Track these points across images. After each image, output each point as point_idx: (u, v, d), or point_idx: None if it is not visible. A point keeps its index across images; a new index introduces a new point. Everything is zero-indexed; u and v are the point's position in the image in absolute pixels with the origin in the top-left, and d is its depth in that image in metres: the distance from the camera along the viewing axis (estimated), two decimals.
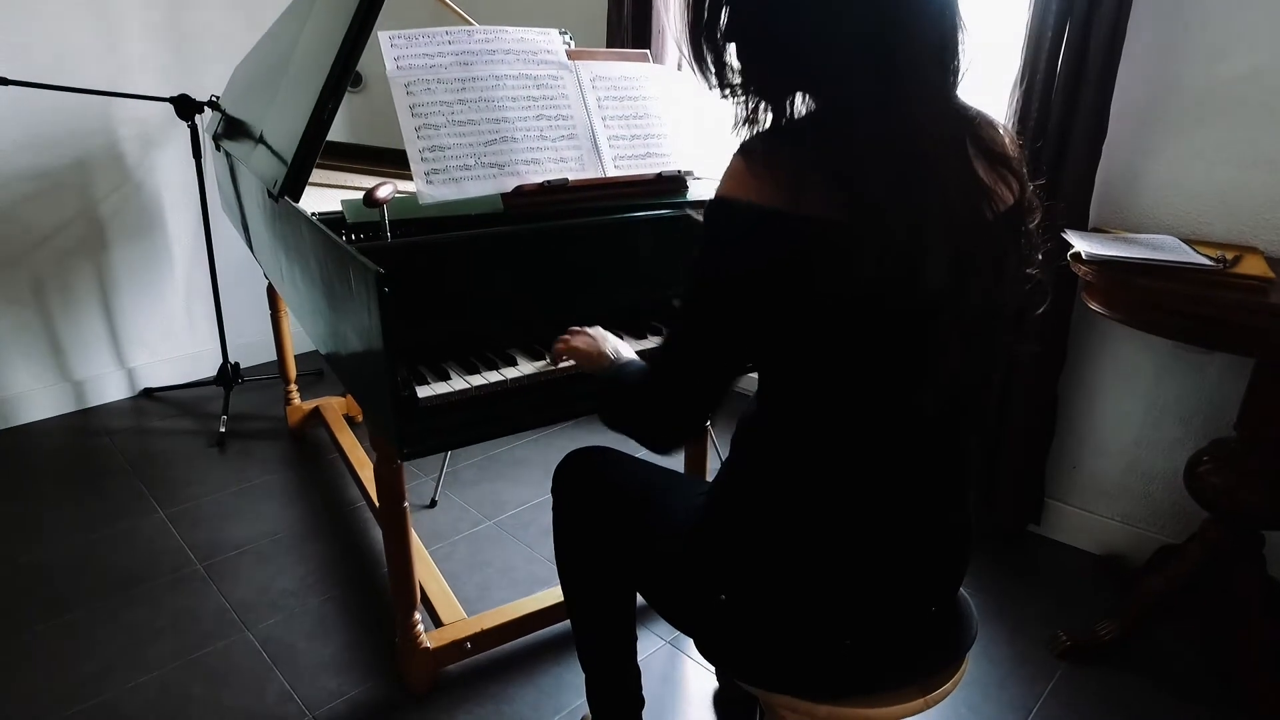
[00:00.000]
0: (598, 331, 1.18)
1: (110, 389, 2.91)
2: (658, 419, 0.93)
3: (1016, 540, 2.12)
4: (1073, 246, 1.60)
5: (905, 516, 0.90)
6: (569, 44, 1.51)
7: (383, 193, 1.20)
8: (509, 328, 1.29)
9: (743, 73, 0.79)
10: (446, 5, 1.92)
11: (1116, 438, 2.00)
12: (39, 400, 2.75)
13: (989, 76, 1.88)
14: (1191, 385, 1.85)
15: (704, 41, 0.80)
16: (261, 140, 1.73)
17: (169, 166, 2.85)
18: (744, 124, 0.80)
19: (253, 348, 3.15)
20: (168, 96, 2.44)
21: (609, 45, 2.57)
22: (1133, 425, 1.97)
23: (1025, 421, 1.99)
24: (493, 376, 1.17)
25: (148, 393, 2.96)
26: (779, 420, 0.89)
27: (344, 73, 1.36)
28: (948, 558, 0.96)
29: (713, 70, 0.81)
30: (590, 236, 1.35)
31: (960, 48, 0.78)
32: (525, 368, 1.21)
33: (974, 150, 0.80)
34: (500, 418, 1.18)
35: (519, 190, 1.32)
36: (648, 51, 1.69)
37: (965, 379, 0.84)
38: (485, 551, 2.08)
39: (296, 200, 1.40)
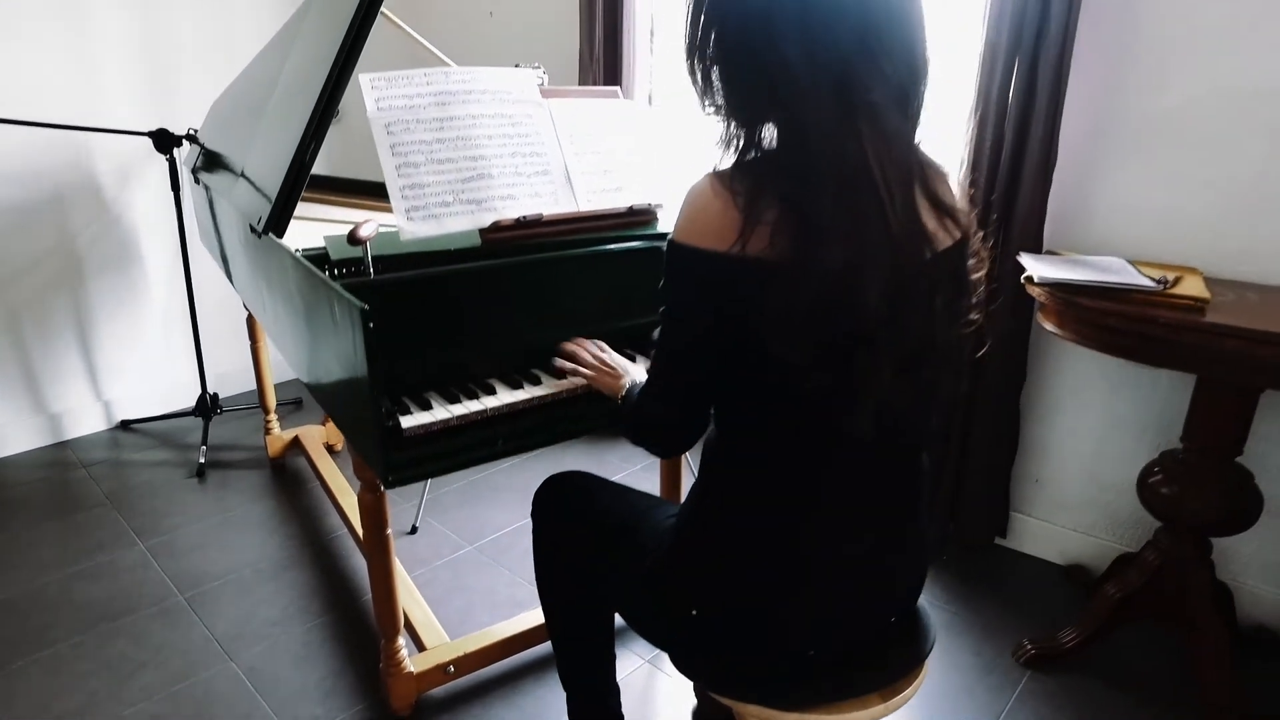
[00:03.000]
0: (613, 359, 1.29)
1: (87, 421, 2.90)
2: (653, 431, 1.05)
3: (983, 553, 2.19)
4: (1026, 270, 1.68)
5: (860, 532, 0.96)
6: (543, 78, 1.58)
7: (365, 231, 1.25)
8: (489, 358, 1.34)
9: (724, 94, 0.87)
10: (425, 47, 1.98)
11: (1075, 451, 2.08)
12: (13, 434, 2.74)
13: (946, 107, 1.98)
14: (1143, 399, 1.94)
15: (695, 61, 0.88)
16: (243, 175, 1.77)
17: (147, 199, 2.87)
18: (723, 143, 0.88)
19: (231, 377, 3.16)
20: (146, 131, 2.47)
21: (580, 80, 2.65)
22: (1090, 438, 2.05)
23: (989, 437, 2.07)
24: (474, 406, 1.22)
25: (125, 425, 2.96)
26: (734, 443, 0.96)
27: (326, 114, 1.42)
28: (905, 570, 1.02)
29: (700, 88, 0.89)
30: (565, 268, 1.41)
31: (923, 97, 0.86)
32: (505, 396, 1.26)
33: (921, 195, 0.86)
34: (482, 444, 1.22)
35: (496, 225, 1.37)
36: (618, 89, 1.76)
37: (901, 407, 0.89)
38: (466, 576, 2.11)
39: (280, 236, 1.45)
